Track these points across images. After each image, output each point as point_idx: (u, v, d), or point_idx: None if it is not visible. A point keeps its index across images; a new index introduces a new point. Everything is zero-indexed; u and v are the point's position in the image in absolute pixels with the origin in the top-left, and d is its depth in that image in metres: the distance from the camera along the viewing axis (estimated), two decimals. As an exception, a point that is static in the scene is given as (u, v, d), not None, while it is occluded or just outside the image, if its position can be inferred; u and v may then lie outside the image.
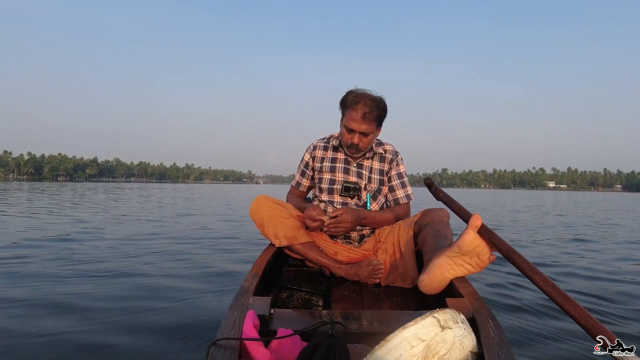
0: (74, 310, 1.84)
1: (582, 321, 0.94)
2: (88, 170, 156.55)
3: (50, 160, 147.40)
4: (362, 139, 1.67)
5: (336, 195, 1.78)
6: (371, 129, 1.65)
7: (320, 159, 1.84)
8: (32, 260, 2.89)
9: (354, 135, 1.66)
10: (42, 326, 1.63)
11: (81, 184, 51.33)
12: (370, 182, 1.79)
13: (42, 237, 4.05)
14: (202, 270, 2.72)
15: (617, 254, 3.95)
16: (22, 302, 1.94)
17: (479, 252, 1.24)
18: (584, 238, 5.10)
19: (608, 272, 2.98)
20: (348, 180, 1.77)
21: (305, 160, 1.88)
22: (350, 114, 1.63)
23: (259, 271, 1.39)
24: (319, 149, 1.86)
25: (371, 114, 1.61)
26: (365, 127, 1.63)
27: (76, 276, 2.45)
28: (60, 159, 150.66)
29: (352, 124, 1.63)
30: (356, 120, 1.62)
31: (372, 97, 1.64)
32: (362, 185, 1.77)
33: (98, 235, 4.24)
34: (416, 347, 0.77)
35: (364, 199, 1.77)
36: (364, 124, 1.62)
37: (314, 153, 1.86)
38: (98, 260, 2.95)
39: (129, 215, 6.79)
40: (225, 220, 6.44)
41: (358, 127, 1.63)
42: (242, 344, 0.87)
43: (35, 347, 1.44)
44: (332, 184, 1.79)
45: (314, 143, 1.89)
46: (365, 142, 1.68)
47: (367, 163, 1.80)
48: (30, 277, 2.40)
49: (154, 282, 2.37)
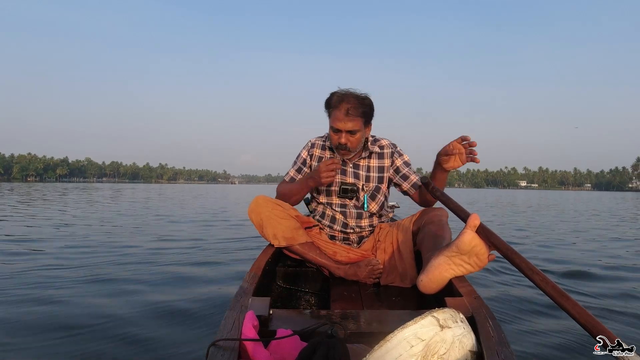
0: (74, 310, 1.83)
1: (582, 320, 0.94)
2: (58, 171, 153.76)
3: (19, 160, 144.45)
4: (350, 138, 1.63)
5: (334, 197, 1.78)
6: (357, 126, 1.61)
7: (317, 157, 1.83)
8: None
9: (340, 135, 1.63)
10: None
11: (52, 184, 50.59)
12: (368, 181, 1.77)
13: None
14: (201, 271, 2.71)
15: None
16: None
17: (477, 251, 1.24)
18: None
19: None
20: (345, 182, 1.76)
21: (303, 157, 1.86)
22: (335, 113, 1.61)
23: (258, 271, 1.39)
24: (317, 148, 1.84)
25: (355, 111, 1.58)
26: (350, 125, 1.60)
27: (75, 277, 2.45)
28: (30, 158, 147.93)
29: (338, 124, 1.61)
30: (340, 120, 1.60)
31: (355, 95, 1.62)
32: (360, 186, 1.76)
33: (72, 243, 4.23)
34: (415, 347, 0.77)
35: (362, 199, 1.76)
36: (348, 122, 1.59)
37: (312, 151, 1.84)
38: (93, 265, 2.95)
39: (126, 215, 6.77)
40: (223, 221, 6.44)
41: (343, 126, 1.60)
42: (242, 344, 0.87)
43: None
44: (330, 186, 1.77)
45: (312, 141, 1.87)
46: (353, 141, 1.64)
47: (364, 162, 1.78)
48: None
49: (153, 284, 2.37)
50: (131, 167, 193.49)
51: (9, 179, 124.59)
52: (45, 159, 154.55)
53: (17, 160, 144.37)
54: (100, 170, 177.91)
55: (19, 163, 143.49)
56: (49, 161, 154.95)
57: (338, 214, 1.78)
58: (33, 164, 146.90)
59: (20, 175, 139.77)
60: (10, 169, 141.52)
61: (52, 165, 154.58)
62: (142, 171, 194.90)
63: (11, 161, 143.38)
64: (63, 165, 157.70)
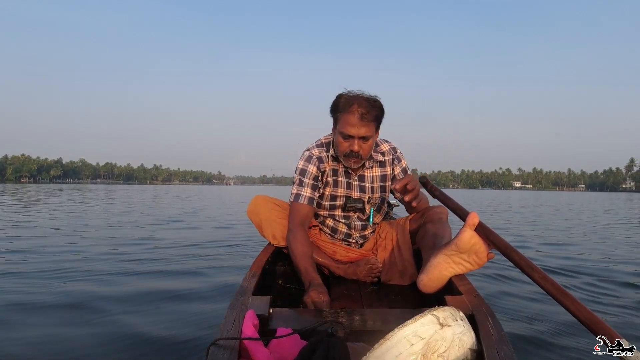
0: (69, 311, 1.83)
1: (582, 317, 0.94)
2: (52, 172, 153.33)
3: (13, 161, 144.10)
4: (362, 145, 1.48)
5: (338, 210, 1.69)
6: (371, 131, 1.48)
7: (331, 171, 1.65)
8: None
9: (352, 142, 1.48)
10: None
11: (45, 185, 50.37)
12: (373, 193, 1.67)
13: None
14: (201, 271, 2.71)
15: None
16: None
17: (476, 250, 1.24)
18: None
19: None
20: (351, 197, 1.65)
21: (314, 174, 1.62)
22: (346, 118, 1.45)
23: (258, 271, 1.39)
24: (326, 161, 1.64)
25: (369, 115, 1.44)
26: (364, 131, 1.45)
27: (72, 276, 2.44)
28: (24, 159, 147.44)
29: (350, 129, 1.45)
30: (354, 125, 1.44)
31: (366, 97, 1.48)
32: (366, 200, 1.67)
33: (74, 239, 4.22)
34: (415, 345, 0.77)
35: (368, 213, 1.69)
36: (362, 127, 1.45)
37: (322, 167, 1.64)
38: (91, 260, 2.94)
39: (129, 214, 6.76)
40: (221, 221, 6.43)
41: (357, 132, 1.45)
42: (242, 343, 0.87)
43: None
44: (334, 200, 1.67)
45: (315, 153, 1.64)
46: (365, 148, 1.50)
47: (368, 173, 1.66)
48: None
49: (152, 284, 2.37)
50: (125, 168, 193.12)
51: (2, 180, 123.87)
52: (39, 160, 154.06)
53: (11, 162, 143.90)
54: (94, 172, 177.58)
55: (13, 164, 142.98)
56: (42, 162, 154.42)
57: (341, 224, 1.72)
58: (27, 165, 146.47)
59: (13, 177, 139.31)
60: (4, 170, 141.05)
61: (45, 167, 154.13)
62: (137, 172, 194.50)
63: (5, 162, 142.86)
64: (57, 167, 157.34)
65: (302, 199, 1.59)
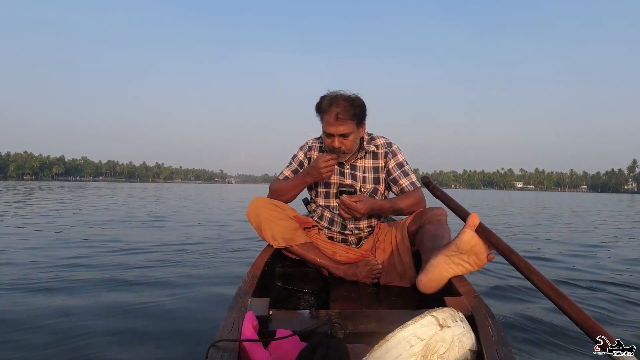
0: (68, 312, 1.83)
1: (580, 321, 0.94)
2: (54, 169, 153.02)
3: (15, 158, 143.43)
4: (343, 141, 1.63)
5: (332, 199, 1.77)
6: (349, 129, 1.61)
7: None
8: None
9: (333, 139, 1.63)
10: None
11: (46, 182, 50.35)
12: (365, 182, 1.75)
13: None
14: (201, 272, 2.71)
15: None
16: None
17: (476, 251, 1.24)
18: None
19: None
20: (343, 184, 1.75)
21: (300, 159, 1.85)
22: (326, 118, 1.61)
23: (258, 272, 1.39)
24: (314, 150, 1.84)
25: (345, 114, 1.58)
26: (342, 129, 1.59)
27: (71, 280, 2.44)
28: (26, 157, 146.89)
29: (329, 128, 1.61)
30: (331, 124, 1.59)
31: (345, 97, 1.61)
32: (358, 187, 1.75)
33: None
34: (415, 346, 0.77)
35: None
36: (340, 126, 1.59)
37: (310, 154, 1.84)
38: (94, 265, 2.94)
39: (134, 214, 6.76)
40: (219, 222, 6.43)
41: (335, 130, 1.60)
42: (241, 345, 0.87)
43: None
44: (328, 188, 1.77)
45: (309, 143, 1.87)
46: (347, 143, 1.64)
47: (361, 163, 1.76)
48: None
49: (152, 285, 2.37)
50: (127, 166, 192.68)
51: (5, 178, 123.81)
52: (42, 158, 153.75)
53: (13, 159, 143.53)
54: (96, 169, 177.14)
55: (15, 161, 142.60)
56: (45, 160, 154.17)
57: (337, 215, 1.77)
58: (29, 162, 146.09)
59: (16, 174, 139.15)
60: (6, 168, 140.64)
61: (48, 164, 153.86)
62: (139, 170, 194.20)
63: (7, 159, 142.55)
64: (59, 164, 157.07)
65: (282, 176, 1.88)
